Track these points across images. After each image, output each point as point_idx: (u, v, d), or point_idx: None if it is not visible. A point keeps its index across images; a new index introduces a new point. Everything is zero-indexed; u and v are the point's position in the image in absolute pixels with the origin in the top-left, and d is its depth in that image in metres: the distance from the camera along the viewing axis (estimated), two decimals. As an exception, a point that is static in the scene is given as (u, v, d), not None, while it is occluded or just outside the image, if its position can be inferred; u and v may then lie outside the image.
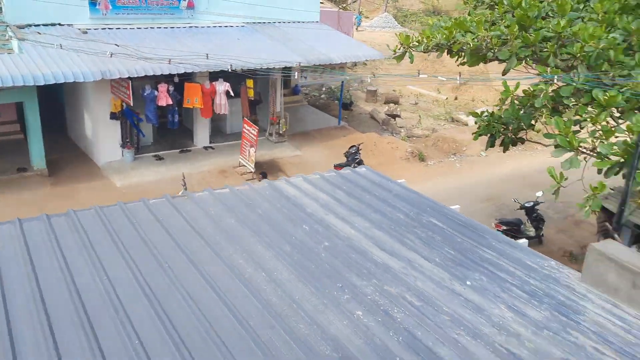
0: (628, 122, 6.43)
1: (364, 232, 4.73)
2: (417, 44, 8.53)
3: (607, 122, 6.62)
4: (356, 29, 38.63)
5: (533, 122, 8.71)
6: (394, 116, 22.03)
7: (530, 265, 4.36)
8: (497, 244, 4.67)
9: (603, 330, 3.63)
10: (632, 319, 3.76)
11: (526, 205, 12.91)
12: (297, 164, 16.91)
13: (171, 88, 14.31)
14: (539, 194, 12.82)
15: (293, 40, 17.59)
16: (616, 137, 6.47)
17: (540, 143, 9.24)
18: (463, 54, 8.01)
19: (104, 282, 3.83)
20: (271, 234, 4.65)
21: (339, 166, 15.39)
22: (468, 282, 4.06)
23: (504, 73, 8.55)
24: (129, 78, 13.35)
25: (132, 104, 13.70)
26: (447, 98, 26.03)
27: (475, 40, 7.66)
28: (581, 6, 8.27)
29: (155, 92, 14.01)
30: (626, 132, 6.37)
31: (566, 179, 6.51)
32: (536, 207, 12.98)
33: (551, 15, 8.12)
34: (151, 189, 14.10)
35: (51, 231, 4.51)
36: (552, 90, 7.40)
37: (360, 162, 15.98)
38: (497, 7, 8.88)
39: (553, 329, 3.59)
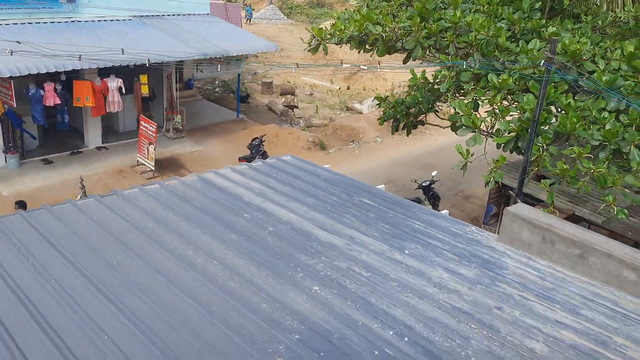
0: (519, 102, 7.26)
1: (304, 216, 4.97)
2: (330, 36, 8.86)
3: (502, 103, 7.40)
4: (249, 22, 38.49)
5: (431, 106, 9.43)
6: (292, 107, 22.38)
7: (455, 231, 4.86)
8: (424, 216, 5.14)
9: (524, 280, 4.19)
10: (545, 268, 4.36)
11: (423, 184, 13.83)
12: (198, 159, 16.70)
13: (58, 87, 13.52)
14: (434, 173, 13.81)
15: (186, 33, 17.27)
16: (511, 115, 7.27)
17: (438, 125, 10.01)
18: (377, 44, 8.45)
19: (53, 286, 3.74)
20: (214, 225, 4.74)
21: (244, 159, 15.46)
22: (406, 251, 4.45)
23: (405, 62, 9.15)
24: (10, 77, 12.43)
25: (15, 106, 12.76)
26: (340, 88, 26.85)
27: (387, 31, 8.14)
28: (468, -2, 9.07)
29: (42, 92, 13.16)
30: (518, 111, 7.19)
31: (472, 154, 7.21)
32: (432, 185, 13.95)
33: (443, 7, 8.83)
34: (43, 195, 13.28)
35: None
36: (453, 76, 8.10)
37: (264, 154, 16.11)
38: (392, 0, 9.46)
39: (484, 283, 4.09)
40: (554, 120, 7.03)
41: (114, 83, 14.48)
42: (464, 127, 7.18)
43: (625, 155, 6.51)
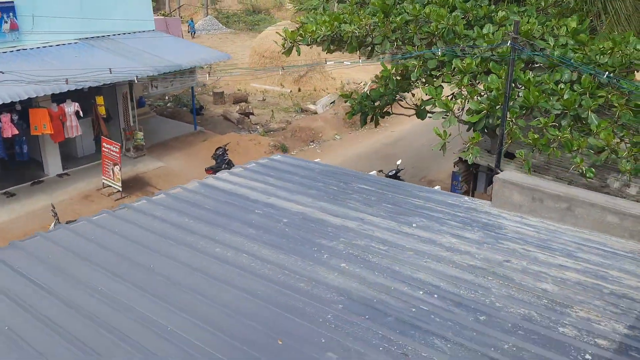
0: (484, 83, 7.86)
1: (311, 206, 5.32)
2: (301, 38, 9.22)
3: (469, 85, 7.98)
4: (192, 35, 38.29)
5: (395, 97, 9.97)
6: (248, 114, 22.56)
7: (452, 203, 5.33)
8: (421, 193, 5.59)
9: (522, 236, 4.69)
10: (538, 224, 4.89)
11: (390, 173, 14.38)
12: (163, 175, 16.68)
13: (15, 117, 13.29)
14: (399, 162, 14.40)
15: (135, 50, 17.22)
16: (479, 96, 7.86)
17: (403, 114, 10.55)
18: (350, 41, 8.88)
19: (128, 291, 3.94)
20: (230, 223, 5.03)
21: (210, 169, 15.62)
22: (414, 225, 4.88)
23: (368, 57, 9.65)
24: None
25: (-27, 140, 12.50)
26: (291, 91, 27.19)
27: (359, 28, 8.59)
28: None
29: (-1, 124, 12.94)
30: (483, 91, 7.78)
31: (449, 135, 7.74)
32: (398, 174, 14.53)
33: (400, 2, 9.36)
34: (10, 228, 13.04)
35: None
36: (421, 65, 8.63)
37: (229, 163, 16.29)
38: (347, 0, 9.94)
39: (489, 242, 4.56)
40: (516, 96, 7.67)
41: (71, 108, 14.34)
42: (439, 112, 7.71)
43: (584, 121, 7.20)
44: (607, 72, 7.12)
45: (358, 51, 9.46)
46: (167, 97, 24.91)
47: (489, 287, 3.91)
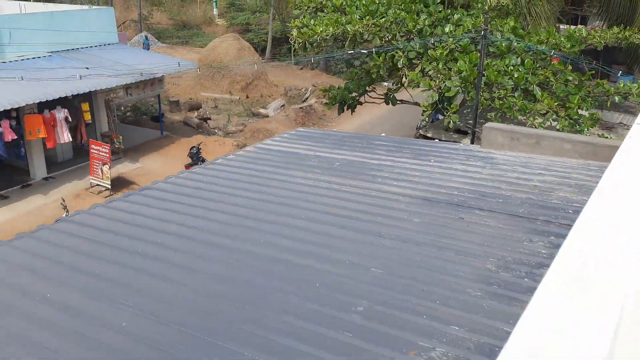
0: (454, 67, 10.03)
1: (350, 155, 7.14)
2: (310, 37, 11.00)
3: (443, 69, 10.13)
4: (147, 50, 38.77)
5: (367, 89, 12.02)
6: (206, 119, 23.95)
7: (452, 147, 7.33)
8: (426, 144, 7.56)
9: (508, 162, 6.74)
10: (518, 155, 6.97)
11: None
12: (142, 174, 17.84)
13: (13, 122, 14.16)
14: (383, 134, 16.55)
15: (107, 61, 18.28)
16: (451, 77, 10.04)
17: (375, 102, 12.62)
18: (354, 39, 10.81)
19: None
20: (298, 167, 6.74)
21: (189, 165, 17.04)
22: (432, 160, 6.83)
23: (349, 47, 11.65)
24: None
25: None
26: (239, 98, 28.74)
27: (359, 28, 10.55)
28: (383, 0, 11.75)
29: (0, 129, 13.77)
30: (456, 72, 9.96)
31: (427, 111, 9.85)
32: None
33: (375, 8, 11.45)
34: (18, 225, 13.86)
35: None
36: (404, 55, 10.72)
37: (203, 160, 17.72)
38: (325, 9, 11.91)
39: (488, 167, 6.58)
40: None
41: (61, 114, 15.32)
42: (423, 89, 9.84)
43: (531, 93, 9.51)
44: (552, 52, 9.54)
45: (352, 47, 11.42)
46: (122, 108, 25.77)
47: (499, 187, 5.90)
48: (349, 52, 10.64)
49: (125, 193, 6.62)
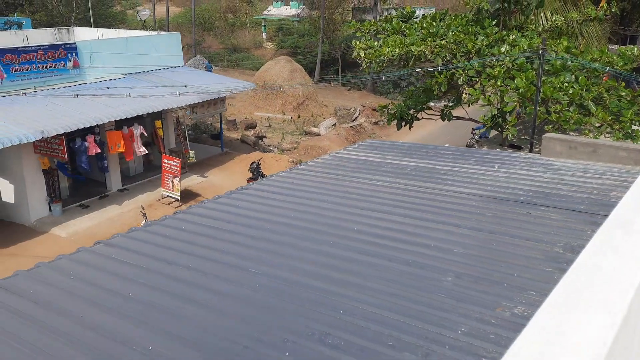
0: (513, 84, 10.75)
1: (420, 163, 7.93)
2: (377, 57, 11.98)
3: (502, 86, 10.87)
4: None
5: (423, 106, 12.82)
6: (261, 137, 25.16)
7: (513, 156, 8.02)
8: (488, 153, 8.26)
9: (568, 168, 7.38)
10: (575, 162, 7.61)
11: None
12: (207, 188, 19.03)
13: (97, 138, 15.56)
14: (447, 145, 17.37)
15: (175, 82, 19.69)
16: (508, 94, 10.76)
17: (431, 118, 13.39)
18: (418, 59, 11.75)
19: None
20: (372, 171, 7.56)
21: (250, 179, 18.12)
22: (496, 166, 7.54)
23: (411, 66, 12.52)
24: (62, 134, 14.42)
25: (67, 159, 14.69)
26: (291, 117, 29.96)
27: (428, 49, 11.46)
28: (442, 23, 12.62)
29: (86, 144, 15.15)
30: (513, 88, 10.66)
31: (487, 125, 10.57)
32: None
33: (435, 31, 12.33)
34: (101, 231, 15.14)
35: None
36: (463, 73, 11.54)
37: (263, 175, 18.79)
38: (385, 32, 12.85)
39: (549, 171, 7.24)
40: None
41: (138, 130, 16.67)
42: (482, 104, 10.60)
43: (586, 107, 10.12)
44: (607, 69, 10.16)
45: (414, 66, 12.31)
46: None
47: (560, 188, 6.56)
48: (417, 69, 11.51)
49: (203, 201, 7.50)
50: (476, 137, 19.09)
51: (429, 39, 11.51)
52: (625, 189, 6.44)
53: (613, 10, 12.50)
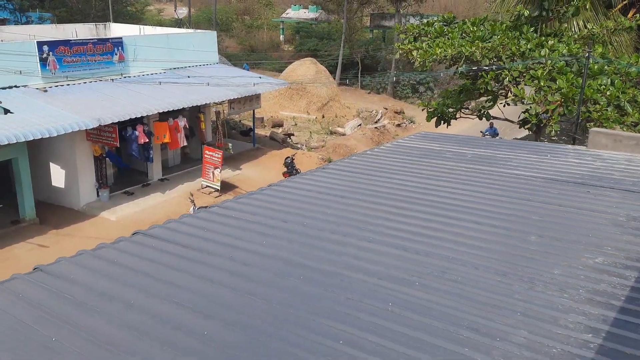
0: (555, 85, 11.54)
1: (476, 151, 8.71)
2: (430, 56, 12.81)
3: (544, 85, 11.68)
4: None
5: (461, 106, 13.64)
6: (290, 135, 25.98)
7: (561, 148, 8.80)
8: (540, 143, 9.04)
9: (613, 158, 8.16)
10: (620, 154, 8.37)
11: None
12: (243, 180, 19.83)
13: (146, 128, 16.39)
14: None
15: (213, 79, 20.54)
16: (552, 94, 11.56)
17: (469, 117, 14.20)
18: (467, 60, 12.58)
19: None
20: (436, 157, 8.35)
21: (286, 173, 18.92)
22: (548, 156, 8.31)
23: (454, 67, 13.31)
24: (114, 123, 15.26)
25: (119, 146, 15.52)
26: (316, 117, 30.79)
27: (477, 51, 12.29)
28: (483, 27, 13.42)
29: (136, 133, 15.99)
30: (555, 89, 11.45)
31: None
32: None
33: (481, 35, 13.14)
34: (147, 216, 15.95)
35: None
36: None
37: (297, 170, 19.58)
38: (429, 34, 13.69)
39: (598, 161, 8.01)
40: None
41: (182, 122, 17.51)
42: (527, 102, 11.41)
43: (623, 108, 10.91)
44: None
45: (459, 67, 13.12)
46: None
47: (611, 173, 7.33)
48: (474, 69, 12.35)
49: (270, 185, 8.04)
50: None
51: (477, 41, 12.35)
52: (670, 175, 7.22)
53: (645, 20, 13.40)
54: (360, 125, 27.88)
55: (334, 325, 3.71)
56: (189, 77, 19.53)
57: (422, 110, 14.24)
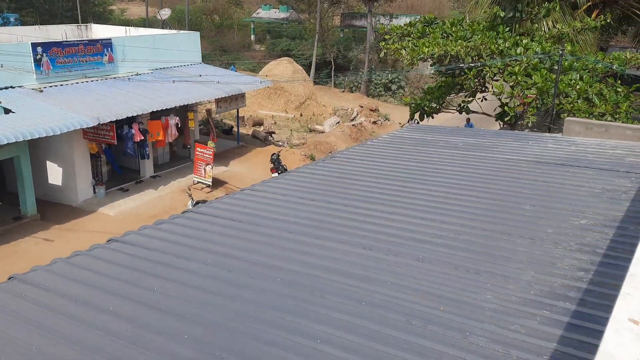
0: (531, 80, 12.68)
1: (468, 140, 9.73)
2: (418, 55, 13.78)
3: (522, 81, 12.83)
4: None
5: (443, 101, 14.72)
6: (271, 133, 26.74)
7: (541, 135, 9.89)
8: (520, 132, 10.11)
9: (586, 143, 9.28)
10: (591, 139, 9.50)
11: None
12: (231, 176, 20.54)
13: (141, 126, 16.97)
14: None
15: (198, 77, 21.16)
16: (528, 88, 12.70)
17: (449, 111, 15.29)
18: (452, 59, 13.60)
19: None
20: (446, 146, 9.32)
21: (273, 169, 19.73)
22: (530, 142, 9.38)
23: (436, 66, 14.36)
24: (112, 122, 15.81)
25: (116, 143, 16.08)
26: (294, 116, 31.61)
27: (461, 50, 13.32)
28: (462, 27, 14.51)
29: (132, 131, 16.56)
30: (531, 84, 12.59)
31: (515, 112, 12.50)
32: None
33: (463, 34, 14.21)
34: (144, 211, 16.55)
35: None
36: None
37: (284, 166, 20.37)
38: (412, 34, 14.72)
39: (572, 145, 9.11)
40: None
41: (173, 120, 18.13)
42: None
43: (592, 100, 12.13)
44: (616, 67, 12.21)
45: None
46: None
47: (585, 156, 8.42)
48: (462, 66, 13.46)
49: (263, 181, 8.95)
50: None
51: (460, 41, 13.43)
52: (635, 156, 8.36)
53: (608, 20, 14.69)
54: (338, 122, 28.84)
55: (311, 325, 3.82)
56: (177, 77, 20.13)
57: (406, 105, 15.28)
